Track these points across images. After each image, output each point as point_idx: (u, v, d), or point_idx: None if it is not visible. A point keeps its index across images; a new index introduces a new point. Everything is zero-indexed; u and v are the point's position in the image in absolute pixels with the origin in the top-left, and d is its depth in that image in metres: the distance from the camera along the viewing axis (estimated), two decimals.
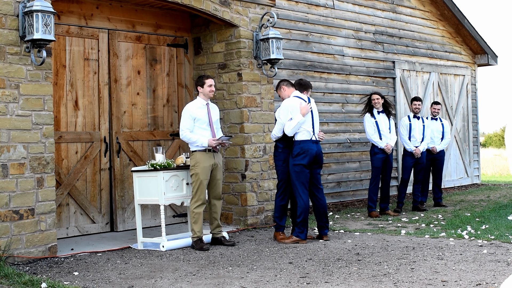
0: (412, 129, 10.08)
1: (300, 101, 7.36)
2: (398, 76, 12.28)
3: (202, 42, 9.10)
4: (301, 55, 10.37)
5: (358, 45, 11.48)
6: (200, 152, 7.13)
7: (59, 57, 7.81)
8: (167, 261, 6.39)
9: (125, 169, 8.40)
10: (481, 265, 5.73)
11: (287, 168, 7.45)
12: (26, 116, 6.45)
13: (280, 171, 7.54)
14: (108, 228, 8.29)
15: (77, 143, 7.99)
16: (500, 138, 47.19)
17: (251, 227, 8.48)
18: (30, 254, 6.40)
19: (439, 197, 10.68)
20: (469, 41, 14.31)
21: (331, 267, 5.86)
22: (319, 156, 7.40)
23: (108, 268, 6.10)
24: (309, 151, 7.28)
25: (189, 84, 9.22)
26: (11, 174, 6.32)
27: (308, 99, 7.46)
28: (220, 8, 8.37)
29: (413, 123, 10.12)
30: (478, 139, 14.95)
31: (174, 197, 7.22)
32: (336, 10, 11.12)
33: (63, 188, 7.79)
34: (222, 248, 7.07)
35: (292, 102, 7.35)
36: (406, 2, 12.76)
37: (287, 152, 7.48)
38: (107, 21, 8.30)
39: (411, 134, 10.08)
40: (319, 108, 10.56)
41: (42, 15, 6.29)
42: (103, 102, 8.25)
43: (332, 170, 10.67)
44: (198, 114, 7.19)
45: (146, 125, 8.73)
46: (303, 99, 7.38)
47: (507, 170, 22.17)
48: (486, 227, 7.96)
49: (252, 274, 5.68)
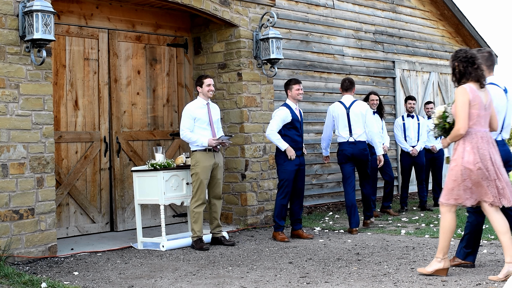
0: (406, 128, 10.10)
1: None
2: (398, 76, 12.28)
3: (202, 42, 9.10)
4: (301, 55, 10.37)
5: (358, 45, 11.48)
6: (201, 152, 7.13)
7: (59, 57, 7.81)
8: (167, 261, 6.39)
9: (125, 169, 8.40)
10: (481, 265, 5.73)
11: (289, 168, 7.46)
12: (26, 116, 6.45)
13: (281, 170, 7.54)
14: (108, 228, 8.29)
15: (77, 143, 7.99)
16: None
17: (251, 227, 8.48)
18: (30, 254, 6.40)
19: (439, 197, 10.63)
20: (469, 41, 14.30)
21: (331, 267, 5.86)
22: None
23: (108, 268, 6.10)
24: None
25: (189, 84, 9.22)
26: (11, 174, 6.32)
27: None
28: (220, 8, 8.37)
29: (406, 122, 10.14)
30: None
31: (174, 197, 7.22)
32: (336, 10, 11.12)
33: (63, 188, 7.79)
34: (222, 248, 7.07)
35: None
36: (406, 2, 12.75)
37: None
38: (107, 21, 8.30)
39: (406, 134, 10.10)
40: (319, 108, 10.56)
41: (42, 15, 6.29)
42: (103, 102, 8.25)
43: (332, 170, 10.67)
44: (198, 114, 7.19)
45: (146, 125, 8.73)
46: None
47: None
48: (486, 227, 7.95)
49: (252, 274, 5.68)
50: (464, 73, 5.23)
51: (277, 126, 7.51)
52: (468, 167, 5.12)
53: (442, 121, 5.36)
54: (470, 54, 5.25)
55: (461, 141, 5.21)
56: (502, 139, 5.65)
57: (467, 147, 5.17)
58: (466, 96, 5.13)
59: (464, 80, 5.23)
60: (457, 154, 5.21)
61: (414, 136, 10.12)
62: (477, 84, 5.22)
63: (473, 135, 5.18)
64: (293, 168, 7.49)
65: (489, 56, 5.66)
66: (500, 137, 5.62)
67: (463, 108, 5.12)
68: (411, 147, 10.04)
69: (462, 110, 5.12)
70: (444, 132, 5.38)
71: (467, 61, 5.22)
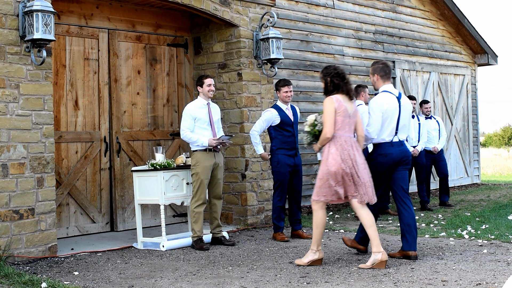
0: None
1: None
2: (398, 75, 12.28)
3: (202, 41, 9.10)
4: (301, 55, 10.37)
5: (358, 45, 11.48)
6: (201, 152, 7.13)
7: (59, 57, 7.81)
8: (167, 261, 6.39)
9: (125, 169, 8.40)
10: (481, 265, 5.74)
11: (282, 169, 7.45)
12: (26, 116, 6.45)
13: (275, 172, 7.54)
14: (108, 228, 8.29)
15: (77, 143, 7.99)
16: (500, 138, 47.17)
17: (251, 226, 8.48)
18: (30, 253, 6.40)
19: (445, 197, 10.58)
20: (469, 41, 14.31)
21: (331, 267, 5.86)
22: None
23: (108, 268, 6.10)
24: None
25: (189, 84, 9.22)
26: (11, 174, 6.32)
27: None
28: (220, 7, 8.38)
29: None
30: (478, 139, 14.95)
31: (174, 196, 7.22)
32: (336, 9, 11.12)
33: (63, 188, 7.79)
34: (222, 248, 7.07)
35: None
36: (406, 2, 12.75)
37: (282, 153, 7.47)
38: (107, 21, 8.30)
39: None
40: (319, 108, 10.56)
41: (42, 15, 6.29)
42: (103, 102, 8.25)
43: None
44: (199, 114, 7.19)
45: (146, 125, 8.73)
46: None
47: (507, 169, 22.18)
48: (486, 226, 7.96)
49: (252, 273, 5.68)
50: (337, 87, 5.93)
51: (260, 127, 7.57)
52: (331, 169, 5.75)
53: (312, 128, 6.11)
54: (340, 71, 6.02)
55: (328, 144, 5.87)
56: (398, 140, 6.24)
57: (332, 149, 5.82)
58: (332, 105, 5.84)
59: (334, 92, 5.93)
60: (324, 156, 5.86)
61: (415, 136, 10.12)
62: (347, 97, 5.93)
63: (338, 139, 5.84)
64: (286, 169, 7.47)
65: (383, 67, 6.33)
66: (396, 138, 6.22)
67: (330, 115, 5.83)
68: (412, 147, 10.04)
69: (329, 117, 5.83)
70: (315, 139, 6.11)
71: (339, 76, 5.96)
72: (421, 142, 10.14)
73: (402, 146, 6.26)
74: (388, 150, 6.17)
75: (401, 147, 6.24)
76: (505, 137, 46.98)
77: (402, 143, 6.28)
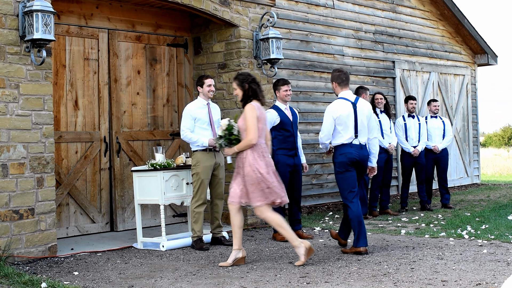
0: (408, 128, 10.09)
1: None
2: (398, 76, 12.28)
3: (202, 41, 9.10)
4: (301, 55, 10.38)
5: (358, 45, 11.48)
6: (201, 152, 7.13)
7: (59, 57, 7.81)
8: (167, 261, 6.39)
9: (125, 169, 8.40)
10: (481, 265, 5.73)
11: (282, 169, 7.42)
12: (26, 116, 6.45)
13: None
14: (108, 228, 8.29)
15: (77, 143, 7.99)
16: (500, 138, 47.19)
17: (251, 227, 8.48)
18: (30, 253, 6.40)
19: (446, 199, 10.52)
20: (469, 41, 14.31)
21: (331, 267, 5.86)
22: None
23: (108, 268, 6.10)
24: None
25: (189, 84, 9.22)
26: (11, 174, 6.32)
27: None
28: (220, 8, 8.38)
29: (408, 122, 10.13)
30: (478, 139, 14.95)
31: (174, 197, 7.22)
32: (336, 10, 11.12)
33: (63, 188, 7.79)
34: (222, 248, 7.07)
35: None
36: (406, 2, 12.76)
37: (282, 153, 7.45)
38: (107, 21, 8.30)
39: (407, 134, 10.08)
40: (319, 108, 10.56)
41: (42, 15, 6.29)
42: (103, 102, 8.25)
43: (332, 170, 10.66)
44: (199, 114, 7.19)
45: (146, 125, 8.74)
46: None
47: (507, 170, 22.18)
48: (486, 227, 7.96)
49: (252, 274, 5.68)
50: (255, 93, 6.08)
51: None
52: (251, 174, 5.92)
53: (227, 132, 6.10)
54: (254, 77, 6.19)
55: (247, 151, 6.00)
56: (359, 143, 6.48)
57: (255, 155, 5.97)
58: (255, 112, 5.98)
59: (252, 99, 6.07)
60: (247, 163, 5.97)
61: (415, 136, 10.12)
62: (260, 102, 6.10)
63: (258, 146, 6.02)
64: (286, 169, 7.45)
65: (339, 75, 6.54)
66: (357, 141, 6.47)
67: (254, 122, 5.96)
68: (412, 147, 10.04)
69: (253, 124, 5.95)
70: (229, 143, 6.13)
71: (255, 83, 6.13)
72: (422, 142, 10.13)
73: (361, 150, 6.49)
74: (347, 150, 6.43)
75: (360, 150, 6.47)
76: (505, 137, 47.02)
77: (362, 147, 6.50)
